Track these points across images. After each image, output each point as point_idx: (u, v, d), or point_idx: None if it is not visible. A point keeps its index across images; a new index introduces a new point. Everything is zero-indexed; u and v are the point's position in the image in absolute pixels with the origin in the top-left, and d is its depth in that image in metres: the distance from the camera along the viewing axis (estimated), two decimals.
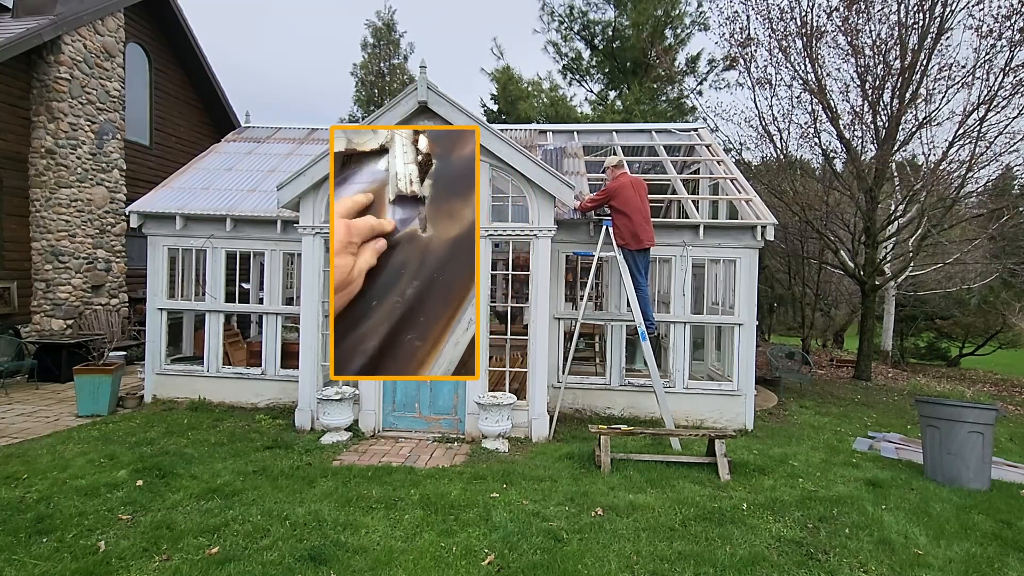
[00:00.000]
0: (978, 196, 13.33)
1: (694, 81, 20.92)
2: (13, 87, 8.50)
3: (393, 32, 22.60)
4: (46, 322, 8.79)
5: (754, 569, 3.23)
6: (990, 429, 4.73)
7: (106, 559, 3.12)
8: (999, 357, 20.77)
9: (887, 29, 10.71)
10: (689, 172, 9.06)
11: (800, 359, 10.97)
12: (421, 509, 3.86)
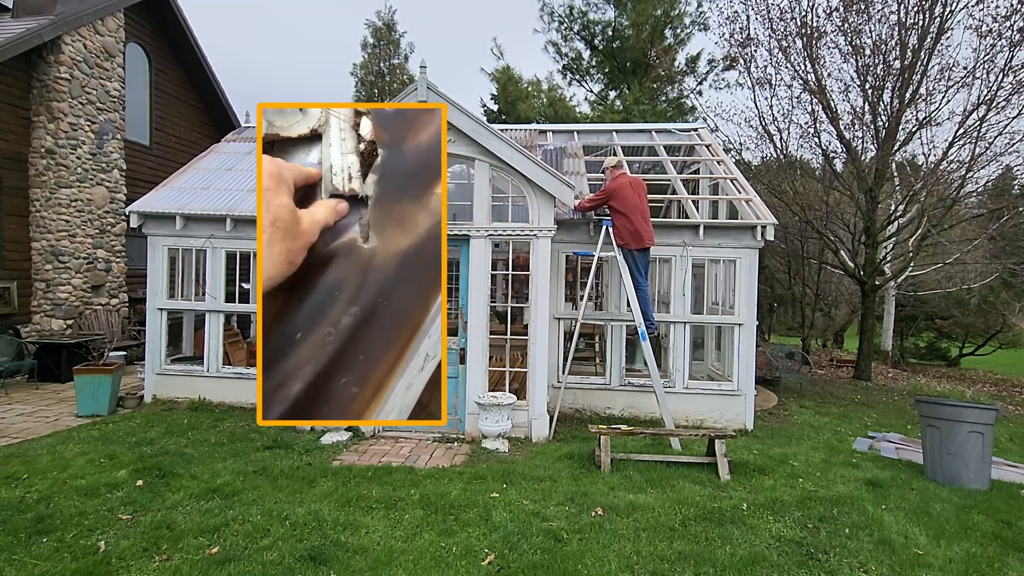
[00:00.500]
0: (978, 196, 13.34)
1: (694, 81, 20.94)
2: (13, 87, 8.50)
3: (393, 32, 22.60)
4: (46, 322, 8.78)
5: (754, 569, 3.23)
6: (990, 429, 4.73)
7: (106, 559, 3.12)
8: (999, 357, 20.77)
9: (887, 29, 10.72)
10: (689, 172, 9.06)
11: (800, 359, 10.97)
12: (421, 509, 3.86)
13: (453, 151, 5.85)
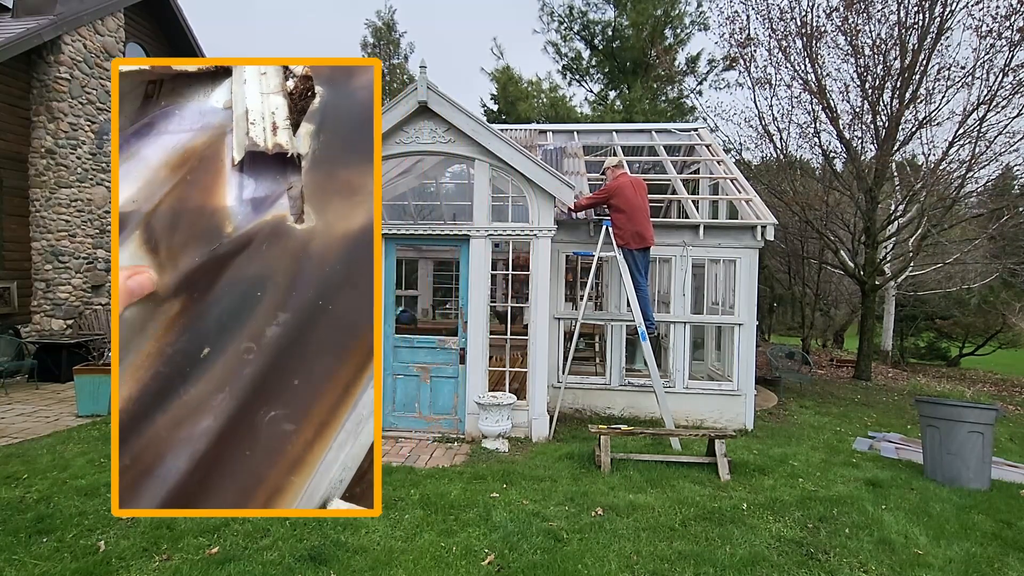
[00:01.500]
0: (978, 196, 13.35)
1: (694, 81, 20.96)
2: (13, 87, 8.50)
3: (393, 32, 22.62)
4: (46, 322, 8.78)
5: (754, 569, 3.23)
6: (990, 429, 4.72)
7: (106, 559, 3.12)
8: (999, 357, 20.77)
9: (887, 29, 10.73)
10: (689, 172, 9.06)
11: (800, 359, 10.97)
12: (421, 509, 3.86)
13: (453, 151, 5.85)
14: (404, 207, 7.42)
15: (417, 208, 7.81)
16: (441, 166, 6.72)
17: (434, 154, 5.96)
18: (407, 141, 5.84)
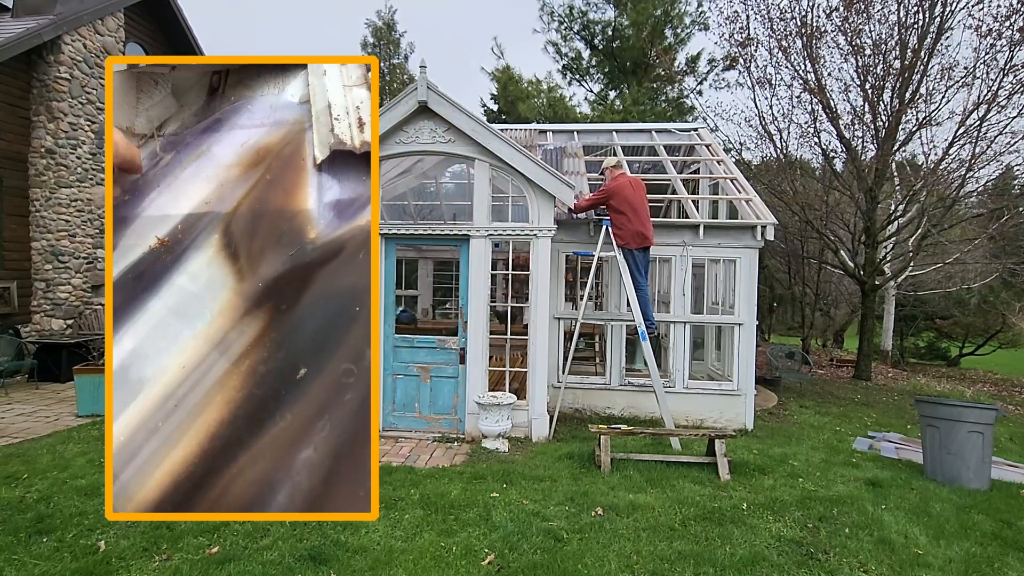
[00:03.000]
0: (978, 196, 13.35)
1: (694, 81, 20.95)
2: (13, 87, 8.50)
3: (393, 32, 22.61)
4: (46, 322, 8.78)
5: (754, 569, 3.23)
6: (990, 429, 4.72)
7: (106, 559, 3.12)
8: (999, 357, 20.77)
9: (887, 29, 10.73)
10: (689, 172, 9.06)
11: (800, 359, 10.97)
12: (421, 509, 3.86)
13: (453, 151, 5.85)
14: (404, 207, 7.42)
15: (417, 208, 7.80)
16: (441, 166, 6.71)
17: (434, 154, 5.96)
18: (407, 141, 5.84)
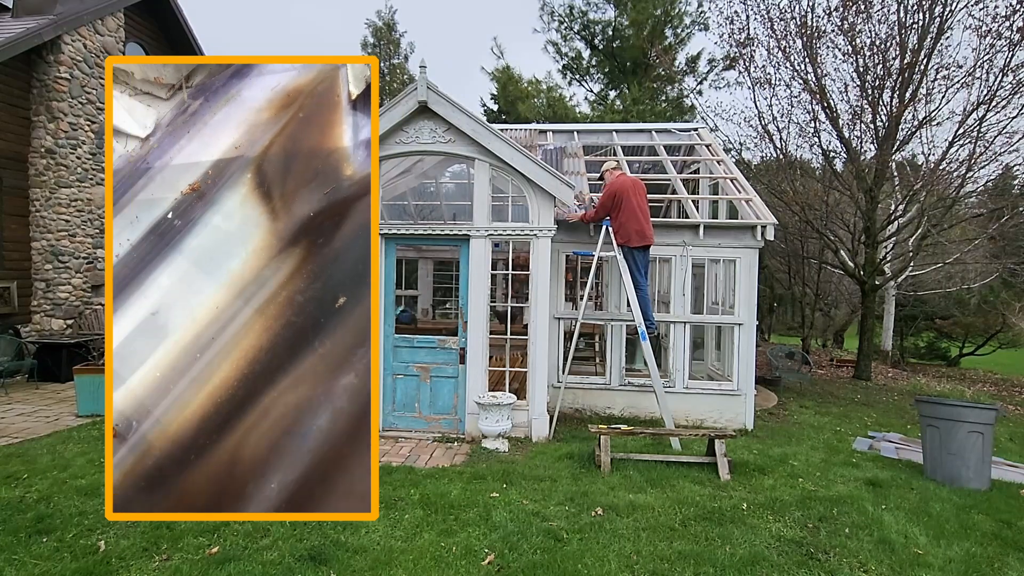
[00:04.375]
0: (978, 196, 13.34)
1: (694, 81, 20.96)
2: (13, 87, 8.50)
3: (393, 32, 22.62)
4: (46, 322, 8.78)
5: (754, 569, 3.23)
6: (990, 429, 4.72)
7: (106, 559, 3.12)
8: (999, 357, 20.76)
9: (886, 29, 10.72)
10: (689, 172, 9.06)
11: (800, 359, 10.97)
12: (421, 509, 3.86)
13: (453, 151, 5.85)
14: (404, 207, 7.42)
15: (417, 208, 7.80)
16: (441, 166, 6.71)
17: (434, 154, 5.96)
18: (407, 141, 5.84)
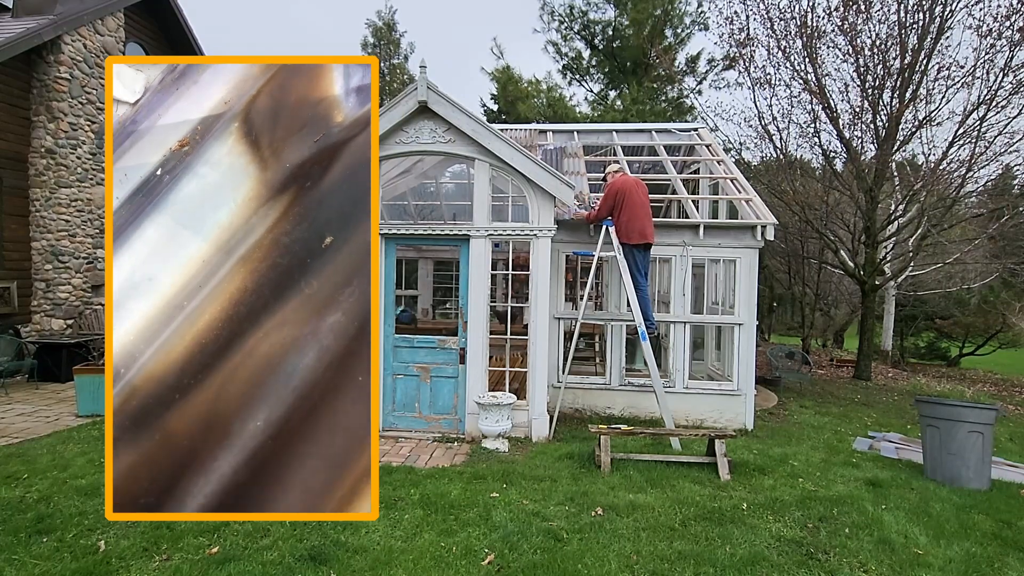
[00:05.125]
0: (978, 196, 13.35)
1: (694, 81, 20.94)
2: (13, 87, 8.50)
3: (393, 32, 22.62)
4: (46, 322, 8.78)
5: (754, 569, 3.23)
6: (990, 429, 4.72)
7: (106, 559, 3.12)
8: (999, 357, 20.76)
9: (887, 29, 10.72)
10: (689, 172, 9.06)
11: (800, 359, 10.97)
12: (421, 509, 3.86)
13: (453, 151, 5.85)
14: (404, 207, 7.41)
15: (417, 208, 7.80)
16: (441, 166, 6.71)
17: (434, 154, 5.95)
18: (407, 141, 5.84)
